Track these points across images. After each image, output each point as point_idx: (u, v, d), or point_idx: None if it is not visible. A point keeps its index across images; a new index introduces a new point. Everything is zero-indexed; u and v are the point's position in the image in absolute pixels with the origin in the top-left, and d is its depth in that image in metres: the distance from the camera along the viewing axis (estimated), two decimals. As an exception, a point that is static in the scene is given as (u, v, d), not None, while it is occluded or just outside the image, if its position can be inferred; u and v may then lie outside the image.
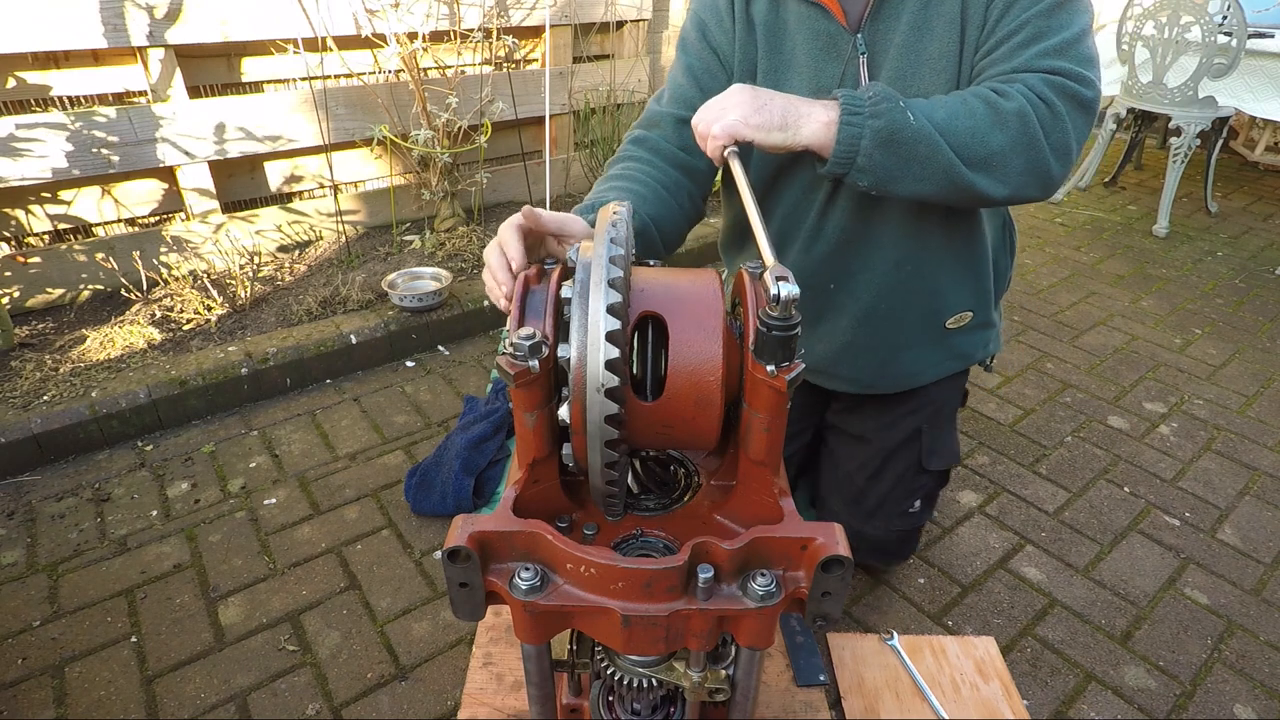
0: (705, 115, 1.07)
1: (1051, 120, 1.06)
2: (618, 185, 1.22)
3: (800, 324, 0.74)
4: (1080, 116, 1.09)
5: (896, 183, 1.06)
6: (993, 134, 1.04)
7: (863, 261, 1.32)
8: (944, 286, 1.36)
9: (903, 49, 1.16)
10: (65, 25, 2.23)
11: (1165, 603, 1.67)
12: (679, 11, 3.67)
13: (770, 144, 1.05)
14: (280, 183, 2.91)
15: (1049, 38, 1.08)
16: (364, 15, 2.67)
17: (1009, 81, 1.08)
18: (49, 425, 1.95)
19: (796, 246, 1.35)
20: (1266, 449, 2.17)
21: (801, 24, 1.21)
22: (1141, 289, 3.08)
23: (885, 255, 1.30)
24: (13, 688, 1.42)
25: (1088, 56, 1.10)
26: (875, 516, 1.51)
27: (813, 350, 1.46)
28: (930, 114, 1.04)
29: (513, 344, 0.74)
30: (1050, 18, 1.09)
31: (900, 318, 1.37)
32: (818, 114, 1.03)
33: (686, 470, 0.98)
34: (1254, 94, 3.44)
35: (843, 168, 1.05)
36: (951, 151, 1.04)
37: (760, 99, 1.04)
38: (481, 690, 1.34)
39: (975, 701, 1.40)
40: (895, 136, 1.02)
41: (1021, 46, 1.09)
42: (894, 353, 1.42)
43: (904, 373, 1.44)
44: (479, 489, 1.83)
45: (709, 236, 3.19)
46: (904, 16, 1.16)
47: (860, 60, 1.19)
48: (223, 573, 1.67)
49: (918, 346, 1.41)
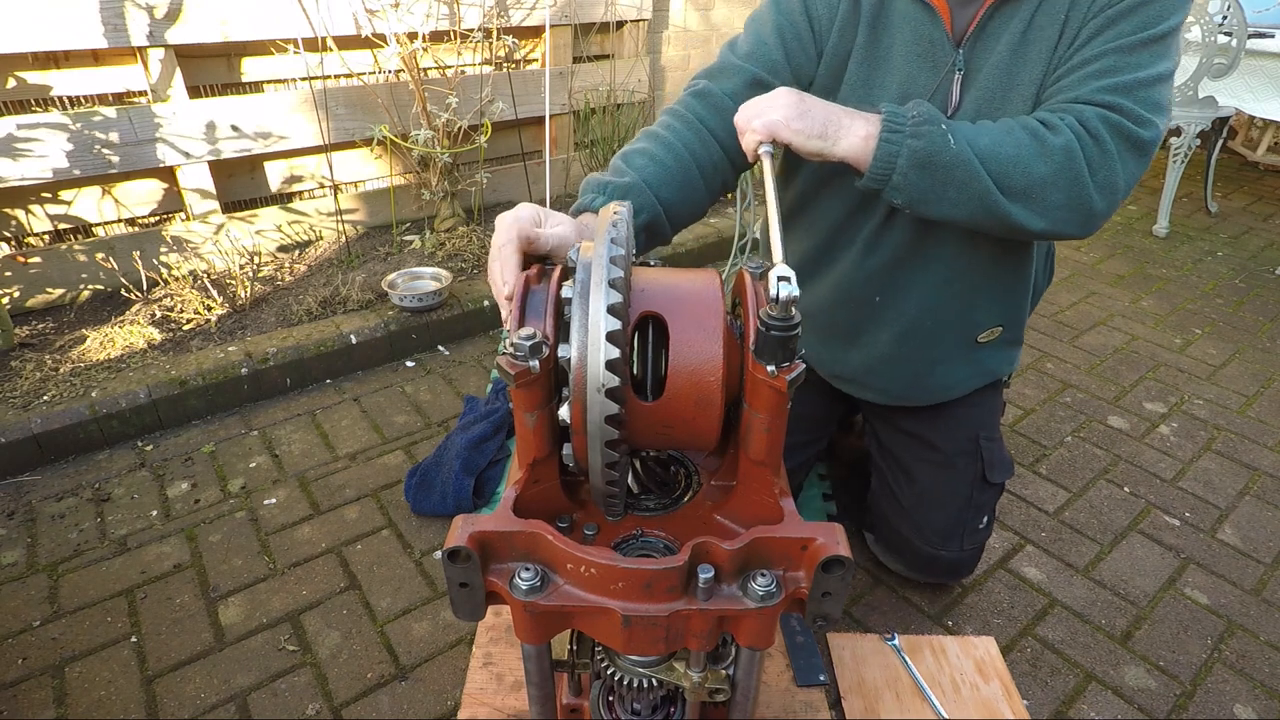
0: (747, 111, 1.06)
1: (1100, 157, 1.03)
2: (647, 151, 1.17)
3: (800, 324, 0.74)
4: (1133, 158, 1.05)
5: (930, 204, 1.06)
6: (1035, 164, 1.02)
7: (913, 278, 1.31)
8: (984, 303, 1.36)
9: (997, 70, 1.14)
10: (65, 25, 2.23)
11: (1165, 603, 1.67)
12: (679, 11, 3.67)
13: (807, 150, 1.04)
14: (280, 183, 2.91)
15: (1121, 74, 1.05)
16: (364, 15, 2.67)
17: (1065, 111, 1.06)
18: (49, 425, 1.95)
19: (848, 257, 1.34)
20: (1266, 449, 2.17)
21: (906, 23, 1.18)
22: (1141, 289, 3.08)
23: (937, 273, 1.30)
24: (13, 688, 1.42)
25: (1156, 101, 1.06)
26: (951, 539, 1.51)
27: (848, 361, 1.45)
28: (973, 140, 1.03)
29: (513, 344, 0.74)
30: (1130, 54, 1.05)
31: (940, 333, 1.37)
32: (858, 128, 1.03)
33: (686, 470, 0.98)
34: (1254, 94, 3.45)
35: (878, 184, 1.05)
36: (990, 179, 1.02)
37: (805, 104, 1.03)
38: (481, 690, 1.34)
39: (975, 701, 1.40)
40: (933, 159, 1.01)
41: (1091, 77, 1.06)
42: (929, 366, 1.42)
43: (936, 386, 1.45)
44: (479, 489, 1.83)
45: (709, 236, 3.19)
46: (1004, 38, 1.13)
47: (956, 76, 1.17)
48: (223, 573, 1.67)
49: (950, 361, 1.42)
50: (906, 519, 1.54)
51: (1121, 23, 1.05)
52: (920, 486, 1.51)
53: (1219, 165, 4.01)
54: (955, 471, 1.48)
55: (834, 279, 1.38)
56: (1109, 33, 1.06)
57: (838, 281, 1.38)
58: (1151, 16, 1.04)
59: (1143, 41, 1.05)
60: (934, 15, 1.15)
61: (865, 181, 1.06)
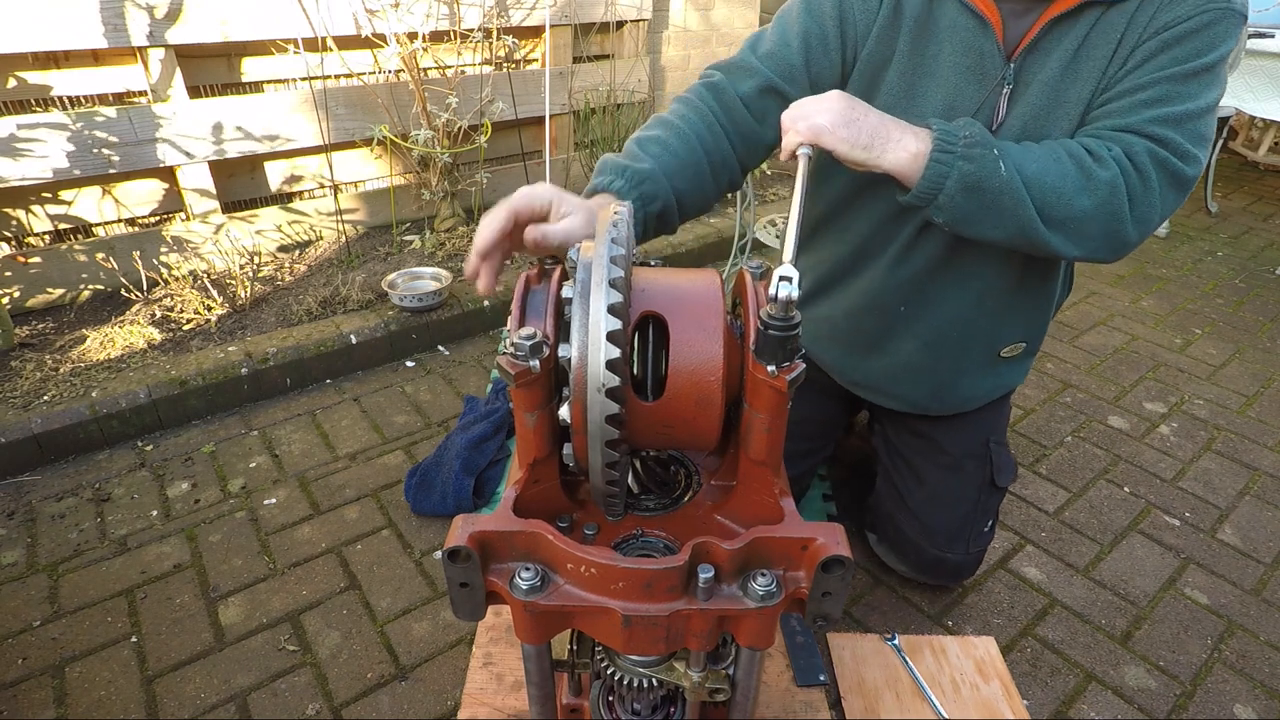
0: (794, 111, 1.03)
1: (1142, 192, 1.03)
2: (661, 139, 1.15)
3: (800, 324, 0.74)
4: (1173, 193, 1.06)
5: (972, 225, 1.05)
6: (1079, 197, 1.02)
7: (944, 291, 1.31)
8: (1010, 319, 1.36)
9: (1046, 87, 1.11)
10: (65, 25, 2.23)
11: (1165, 603, 1.67)
12: (679, 11, 3.67)
13: (850, 159, 1.02)
14: (280, 183, 2.91)
15: (1173, 104, 1.03)
16: (364, 15, 2.67)
17: (1113, 141, 1.05)
18: (49, 425, 1.95)
19: (879, 266, 1.33)
20: (1267, 449, 2.17)
21: (954, 33, 1.14)
22: (1141, 289, 3.08)
23: (967, 287, 1.29)
24: (13, 688, 1.42)
25: (1202, 134, 1.05)
26: (957, 541, 1.51)
27: (870, 369, 1.45)
28: (1021, 165, 1.02)
29: (513, 344, 0.74)
30: (1183, 84, 1.04)
31: (966, 346, 1.37)
32: (908, 143, 1.01)
33: (687, 470, 0.98)
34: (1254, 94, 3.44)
35: (923, 201, 1.04)
36: (1033, 207, 1.02)
37: (855, 112, 1.01)
38: (481, 690, 1.34)
39: (975, 701, 1.40)
40: (982, 184, 1.00)
41: (1143, 106, 1.05)
42: (953, 378, 1.41)
43: (957, 398, 1.45)
44: (479, 489, 1.83)
45: (709, 236, 3.19)
46: (1057, 53, 1.10)
47: (1004, 91, 1.13)
48: (223, 573, 1.67)
49: (973, 374, 1.42)
50: (913, 520, 1.53)
51: (1176, 48, 1.03)
52: (929, 489, 1.51)
53: (1219, 165, 4.01)
54: (964, 474, 1.48)
55: (862, 287, 1.37)
56: (1163, 57, 1.04)
57: (866, 289, 1.36)
58: (1206, 43, 1.03)
59: (1195, 70, 1.03)
60: (986, 26, 1.11)
61: (910, 198, 1.05)
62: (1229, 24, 1.03)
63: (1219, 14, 1.02)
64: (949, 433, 1.50)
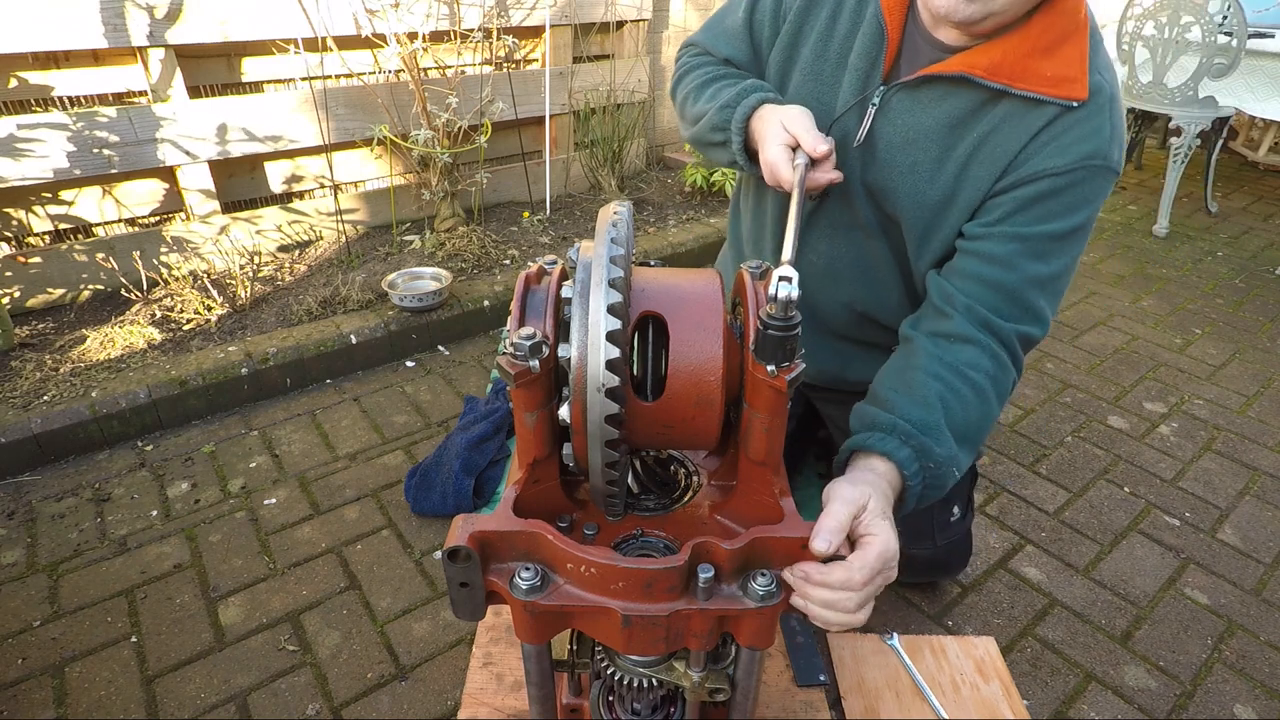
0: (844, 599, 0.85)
1: (1017, 378, 1.14)
2: (725, 71, 1.29)
3: (800, 324, 0.73)
4: None
5: None
6: (995, 416, 1.12)
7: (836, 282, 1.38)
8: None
9: (913, 133, 1.13)
10: (65, 25, 2.23)
11: (1165, 603, 1.67)
12: (679, 11, 3.67)
13: None
14: (281, 183, 2.91)
15: (1048, 261, 1.09)
16: (364, 15, 2.67)
17: (990, 313, 1.09)
18: (49, 425, 1.95)
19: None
20: (1266, 449, 2.17)
21: (865, 35, 1.15)
22: (1142, 289, 3.08)
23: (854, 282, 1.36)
24: (13, 688, 1.42)
25: (1062, 292, 1.15)
26: (921, 537, 1.48)
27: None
28: (967, 447, 1.06)
29: (513, 344, 0.74)
30: (1059, 241, 1.09)
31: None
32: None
33: (686, 470, 0.98)
34: (1254, 94, 3.44)
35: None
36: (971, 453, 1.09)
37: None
38: (481, 690, 1.34)
39: (975, 701, 1.40)
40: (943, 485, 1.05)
41: (1020, 257, 1.08)
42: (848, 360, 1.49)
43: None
44: (479, 489, 1.83)
45: (709, 236, 3.19)
46: (933, 113, 1.11)
47: (869, 110, 1.15)
48: (223, 573, 1.67)
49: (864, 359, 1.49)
50: None
51: (1052, 200, 1.07)
52: None
53: (1219, 165, 4.01)
54: None
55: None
56: (1039, 208, 1.08)
57: None
58: (1082, 198, 1.07)
59: (1073, 228, 1.09)
60: (882, 41, 1.13)
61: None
62: (1104, 180, 1.08)
63: (1097, 170, 1.06)
64: None
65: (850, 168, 1.19)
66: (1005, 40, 1.04)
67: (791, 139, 1.08)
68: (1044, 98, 1.05)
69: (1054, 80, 1.04)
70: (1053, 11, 1.04)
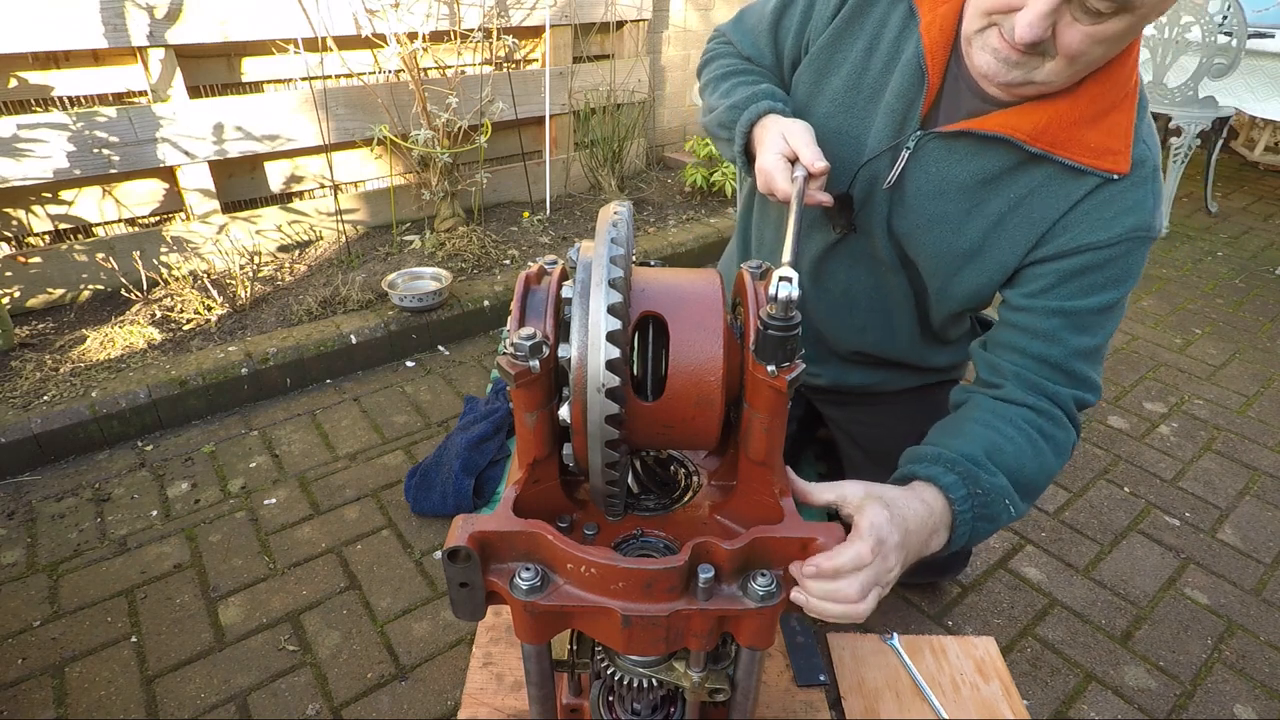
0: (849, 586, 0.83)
1: (1077, 439, 1.14)
2: (745, 68, 1.31)
3: (800, 324, 0.74)
4: None
5: None
6: (1054, 471, 1.12)
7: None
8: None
9: (946, 185, 1.11)
10: (65, 25, 2.22)
11: (1165, 603, 1.67)
12: (679, 11, 3.67)
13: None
14: (281, 183, 2.91)
15: (1093, 334, 1.09)
16: (364, 15, 2.67)
17: (1045, 380, 1.09)
18: (49, 425, 1.95)
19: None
20: (1266, 449, 2.17)
21: (904, 73, 1.11)
22: (1141, 289, 3.08)
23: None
24: (13, 688, 1.42)
25: (1104, 359, 1.16)
26: None
27: None
28: (1024, 495, 1.07)
29: (513, 344, 0.74)
30: (1100, 315, 1.09)
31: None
32: (939, 538, 0.98)
33: (686, 470, 0.98)
34: (1254, 94, 3.45)
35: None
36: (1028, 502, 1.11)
37: (889, 560, 0.87)
38: (481, 690, 1.34)
39: (975, 701, 1.40)
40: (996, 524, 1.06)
41: (1065, 331, 1.09)
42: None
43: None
44: (479, 489, 1.83)
45: (709, 236, 3.19)
46: (968, 166, 1.09)
47: (903, 154, 1.12)
48: (223, 573, 1.67)
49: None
50: None
51: (1096, 273, 1.07)
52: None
53: (1219, 165, 4.01)
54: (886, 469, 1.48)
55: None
56: (1083, 281, 1.07)
57: None
58: (1124, 271, 1.07)
59: (1114, 302, 1.09)
60: (922, 85, 1.10)
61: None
62: (1147, 248, 1.08)
63: (1140, 241, 1.06)
64: (872, 427, 1.53)
65: (877, 209, 1.18)
66: (1053, 105, 1.01)
67: (790, 151, 1.08)
68: (1086, 168, 1.03)
69: (1097, 151, 1.02)
70: (1106, 81, 1.00)
